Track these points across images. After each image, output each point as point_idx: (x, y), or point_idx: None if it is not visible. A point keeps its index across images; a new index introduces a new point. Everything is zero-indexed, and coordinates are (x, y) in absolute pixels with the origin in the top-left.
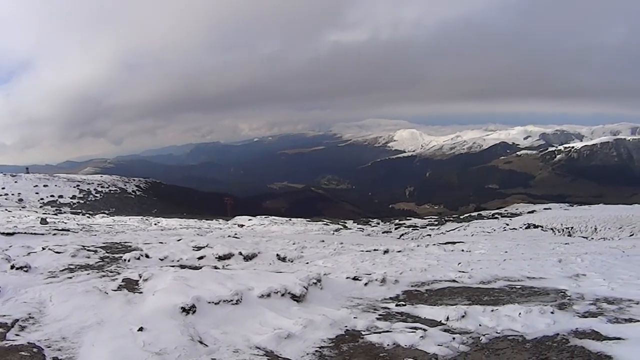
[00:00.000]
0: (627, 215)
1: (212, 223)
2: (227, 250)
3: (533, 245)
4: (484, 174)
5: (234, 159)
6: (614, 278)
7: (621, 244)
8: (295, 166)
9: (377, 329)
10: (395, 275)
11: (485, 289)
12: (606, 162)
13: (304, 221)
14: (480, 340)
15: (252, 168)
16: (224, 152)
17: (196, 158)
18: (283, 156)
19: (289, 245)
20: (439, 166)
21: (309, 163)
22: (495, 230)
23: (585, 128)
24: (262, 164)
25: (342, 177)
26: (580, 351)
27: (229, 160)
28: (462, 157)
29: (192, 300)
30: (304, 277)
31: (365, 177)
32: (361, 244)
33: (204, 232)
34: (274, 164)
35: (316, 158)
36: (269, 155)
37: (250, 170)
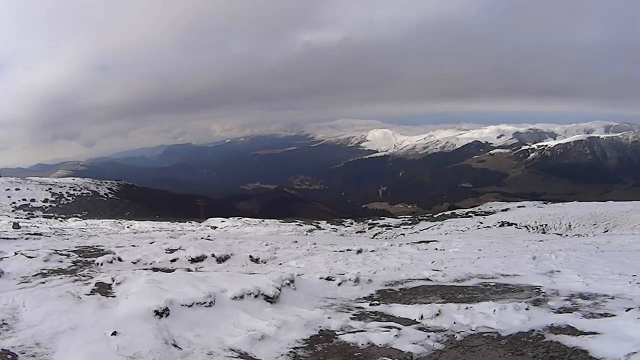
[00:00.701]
0: (602, 211)
1: (185, 225)
2: (200, 253)
3: (507, 243)
4: (458, 173)
5: (206, 161)
6: (588, 274)
7: (596, 240)
8: (267, 167)
9: (351, 329)
10: (368, 274)
11: (459, 286)
12: (580, 160)
13: (277, 222)
14: (455, 338)
15: (224, 169)
16: (196, 154)
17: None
18: (255, 157)
19: (261, 246)
20: (412, 166)
21: (282, 164)
22: (469, 228)
23: (559, 127)
24: (234, 165)
25: (315, 177)
26: (556, 346)
27: (201, 161)
28: (435, 156)
29: (165, 303)
30: (277, 278)
31: (338, 178)
32: (334, 244)
33: (177, 234)
34: (246, 165)
35: (289, 159)
36: (241, 157)
37: (223, 172)
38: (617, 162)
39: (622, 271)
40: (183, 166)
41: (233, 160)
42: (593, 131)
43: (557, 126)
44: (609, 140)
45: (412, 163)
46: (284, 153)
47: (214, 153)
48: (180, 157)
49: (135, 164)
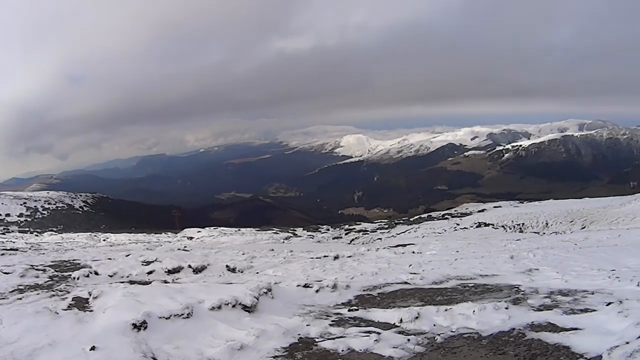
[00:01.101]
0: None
1: (161, 237)
2: (177, 264)
3: (484, 244)
4: (433, 176)
5: (180, 171)
6: (567, 270)
7: (573, 237)
8: (242, 176)
9: (330, 335)
10: (346, 280)
11: (437, 289)
12: (554, 159)
13: (253, 231)
14: (436, 340)
15: (199, 179)
16: (170, 164)
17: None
18: (230, 166)
19: (238, 255)
20: (386, 170)
21: (256, 172)
22: (446, 230)
23: (533, 126)
24: (208, 175)
25: (290, 184)
26: (538, 344)
27: (175, 172)
28: (410, 160)
29: (143, 316)
30: (254, 287)
31: (313, 184)
32: (311, 251)
33: (153, 246)
34: (220, 175)
35: (263, 167)
36: (215, 166)
37: (197, 182)
38: (592, 160)
39: (601, 266)
40: (157, 177)
41: (207, 170)
42: (567, 130)
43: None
44: (583, 138)
45: (387, 167)
46: (259, 161)
47: (188, 163)
48: (154, 167)
49: (110, 176)
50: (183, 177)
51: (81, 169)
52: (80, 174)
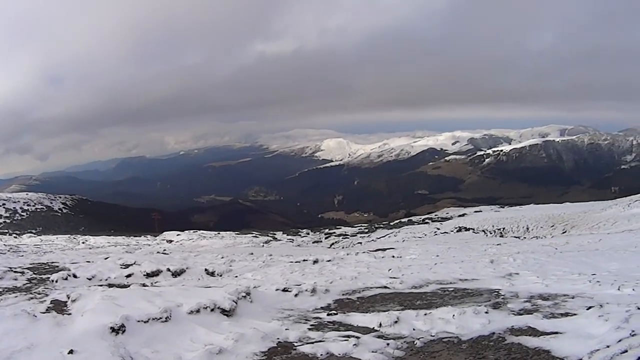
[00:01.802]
0: (559, 213)
1: (141, 240)
2: (155, 267)
3: (465, 248)
4: (413, 180)
5: (160, 173)
6: (547, 275)
7: (554, 242)
8: (222, 179)
9: (309, 340)
10: (325, 284)
11: (417, 293)
12: (536, 164)
13: (232, 234)
14: (415, 344)
15: (178, 182)
16: (149, 167)
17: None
18: (210, 169)
19: (217, 259)
20: (367, 174)
21: (236, 175)
22: (426, 235)
23: (514, 131)
24: (188, 178)
25: (270, 188)
26: (518, 348)
27: (155, 174)
28: (390, 164)
29: (121, 319)
30: (233, 291)
31: (293, 188)
32: (291, 255)
33: (133, 249)
34: (200, 177)
35: (243, 170)
36: (195, 169)
37: (177, 185)
38: (574, 165)
39: (582, 270)
40: (137, 179)
41: (187, 173)
42: (548, 135)
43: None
44: (565, 144)
45: (367, 171)
46: (239, 164)
47: (167, 165)
48: (134, 170)
49: (89, 178)
50: (163, 180)
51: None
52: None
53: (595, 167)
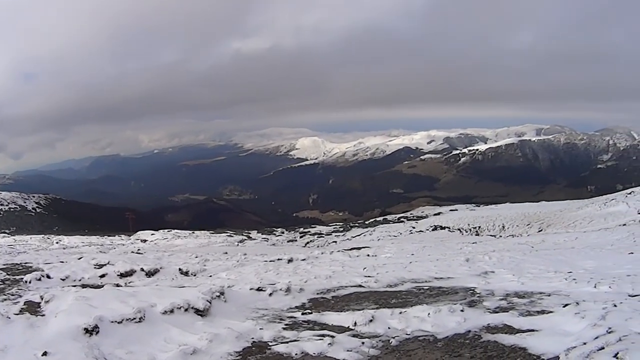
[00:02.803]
0: (535, 212)
1: (115, 239)
2: (129, 267)
3: (440, 246)
4: (388, 179)
5: (134, 172)
6: (523, 273)
7: (530, 240)
8: (196, 177)
9: (284, 339)
10: (300, 283)
11: (392, 292)
12: (511, 163)
13: (207, 233)
14: (390, 343)
15: (152, 181)
16: (124, 165)
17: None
18: (184, 167)
19: (191, 258)
20: (342, 173)
21: (211, 174)
22: (401, 233)
23: (490, 131)
24: (162, 176)
25: (244, 187)
26: (494, 345)
27: (129, 173)
28: (366, 163)
29: (95, 320)
30: (206, 291)
31: (268, 187)
32: (265, 254)
33: (107, 249)
34: (175, 176)
35: (217, 169)
36: (169, 167)
37: (151, 183)
38: (550, 164)
39: (558, 268)
40: (111, 178)
41: (161, 171)
42: (524, 135)
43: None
44: (541, 143)
45: (342, 170)
46: (213, 163)
47: (142, 164)
48: (108, 168)
49: (63, 177)
50: (137, 179)
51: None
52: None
53: (572, 167)
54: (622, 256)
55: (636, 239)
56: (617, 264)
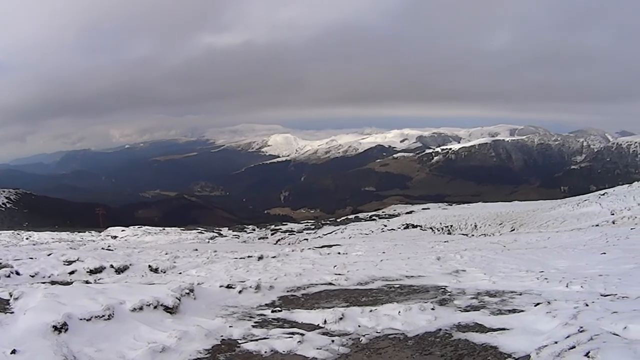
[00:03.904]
0: (507, 211)
1: (85, 235)
2: (99, 264)
3: (412, 245)
4: (361, 177)
5: (105, 167)
6: (495, 272)
7: (502, 239)
8: (167, 173)
9: (253, 337)
10: (270, 281)
11: (362, 290)
12: (484, 163)
13: (178, 230)
14: (361, 341)
15: (123, 176)
16: (95, 160)
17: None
18: (155, 163)
19: (161, 255)
20: (314, 170)
21: (182, 170)
22: (373, 231)
23: (463, 130)
24: (133, 172)
25: (216, 183)
26: (465, 344)
27: (100, 168)
28: (338, 160)
29: (64, 317)
30: (176, 288)
31: (239, 183)
32: (236, 251)
33: (77, 245)
34: (146, 172)
35: (189, 164)
36: (141, 163)
37: (122, 179)
38: (523, 164)
39: (530, 268)
40: (82, 173)
41: (132, 167)
42: (498, 135)
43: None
44: (514, 143)
45: (314, 168)
46: (184, 159)
47: (113, 159)
48: (79, 163)
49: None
50: (108, 174)
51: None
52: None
53: (545, 167)
54: (594, 256)
55: (609, 239)
56: (589, 264)
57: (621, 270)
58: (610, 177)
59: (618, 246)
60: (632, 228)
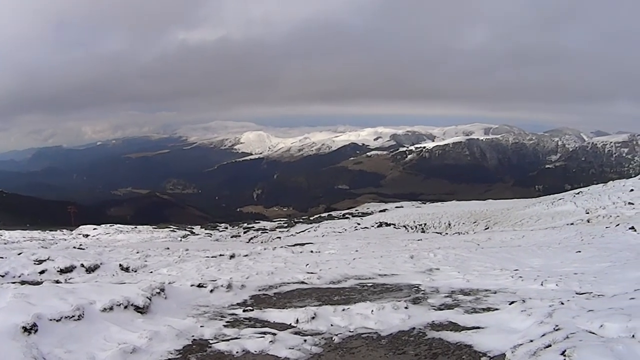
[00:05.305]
0: (482, 210)
1: (57, 234)
2: (69, 263)
3: (385, 243)
4: (334, 175)
5: (77, 164)
6: (469, 270)
7: (476, 238)
8: (139, 171)
9: (225, 337)
10: (241, 280)
11: (335, 288)
12: (459, 161)
13: (150, 228)
14: (333, 340)
15: (95, 173)
16: (67, 157)
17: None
18: (127, 160)
19: (132, 254)
20: (287, 168)
21: (154, 167)
22: (346, 230)
23: (438, 129)
24: (106, 169)
25: (188, 181)
26: (439, 343)
27: (72, 165)
28: (311, 158)
29: (33, 318)
30: (146, 287)
31: (212, 181)
32: (208, 250)
33: (48, 244)
34: (118, 169)
35: (161, 162)
36: (113, 160)
37: (94, 176)
38: (498, 163)
39: (504, 266)
40: (53, 170)
41: (105, 164)
42: (473, 133)
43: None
44: (489, 142)
45: (288, 165)
46: (157, 156)
47: (84, 156)
48: (50, 160)
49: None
50: (79, 171)
51: None
52: None
53: (520, 166)
54: (569, 254)
55: (584, 237)
56: (564, 262)
57: (596, 268)
58: (585, 176)
59: (593, 245)
60: (607, 227)
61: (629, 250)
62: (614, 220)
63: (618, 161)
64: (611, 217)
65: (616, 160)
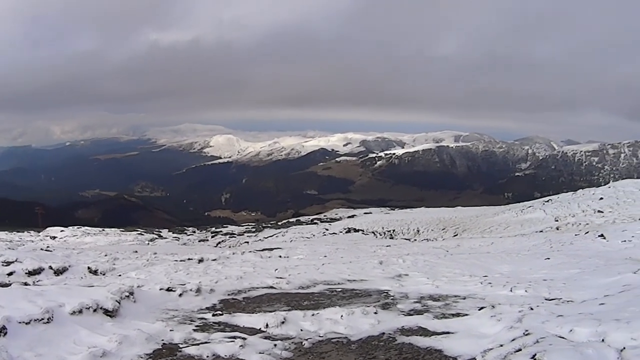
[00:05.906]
0: (451, 217)
1: (24, 235)
2: (37, 265)
3: (353, 249)
4: (303, 180)
5: (45, 165)
6: (438, 276)
7: (445, 244)
8: (108, 172)
9: (195, 341)
10: (210, 284)
11: (304, 293)
12: (428, 168)
13: (117, 231)
14: (303, 345)
15: (63, 174)
16: (35, 157)
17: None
18: (96, 162)
19: (100, 257)
20: (256, 172)
21: (122, 169)
22: (314, 235)
23: (407, 136)
24: (74, 170)
25: (156, 184)
26: (409, 348)
27: (40, 165)
28: (280, 163)
29: (2, 321)
30: (115, 291)
31: (180, 184)
32: (176, 254)
33: (16, 245)
34: (86, 170)
35: (130, 164)
36: (81, 161)
37: (62, 177)
38: (467, 170)
39: (473, 272)
40: (22, 170)
41: (73, 165)
42: (443, 141)
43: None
44: (459, 149)
45: (256, 170)
46: (125, 158)
47: (53, 156)
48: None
49: None
50: (47, 172)
51: None
52: None
53: (489, 174)
54: (538, 261)
55: (553, 245)
56: (533, 268)
57: (566, 275)
58: (555, 184)
59: (562, 252)
60: (576, 234)
61: (598, 258)
62: (583, 228)
63: (588, 170)
64: (580, 224)
65: (586, 169)
